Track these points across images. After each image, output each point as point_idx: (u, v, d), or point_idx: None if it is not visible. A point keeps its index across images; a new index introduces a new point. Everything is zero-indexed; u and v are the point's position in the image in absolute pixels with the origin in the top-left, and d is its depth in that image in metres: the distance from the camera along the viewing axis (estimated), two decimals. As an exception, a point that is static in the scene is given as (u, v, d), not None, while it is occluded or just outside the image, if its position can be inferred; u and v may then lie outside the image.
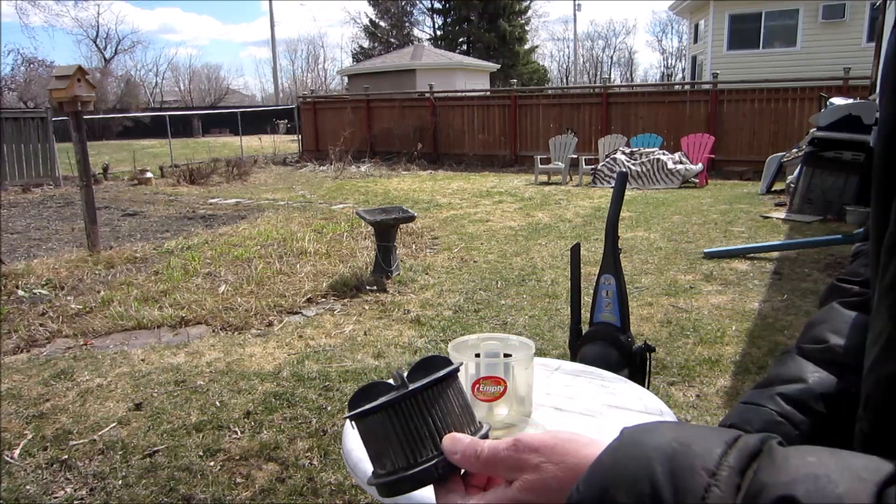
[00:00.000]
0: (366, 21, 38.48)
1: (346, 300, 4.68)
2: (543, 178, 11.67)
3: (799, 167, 7.93)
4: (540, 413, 1.25)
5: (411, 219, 5.19)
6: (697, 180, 10.60)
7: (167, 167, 13.87)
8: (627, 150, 11.23)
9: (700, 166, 10.59)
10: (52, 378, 3.40)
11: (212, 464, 2.57)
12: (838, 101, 8.37)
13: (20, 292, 4.82)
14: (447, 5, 35.24)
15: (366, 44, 38.28)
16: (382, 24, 37.55)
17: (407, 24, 37.70)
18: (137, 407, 3.06)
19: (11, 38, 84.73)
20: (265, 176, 13.76)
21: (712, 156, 11.19)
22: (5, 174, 11.58)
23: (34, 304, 4.56)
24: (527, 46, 36.97)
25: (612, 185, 2.75)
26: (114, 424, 2.90)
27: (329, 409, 3.00)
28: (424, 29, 37.99)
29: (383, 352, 3.70)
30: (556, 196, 9.67)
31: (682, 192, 9.80)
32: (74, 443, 2.74)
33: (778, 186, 9.51)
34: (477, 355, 1.08)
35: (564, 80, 49.23)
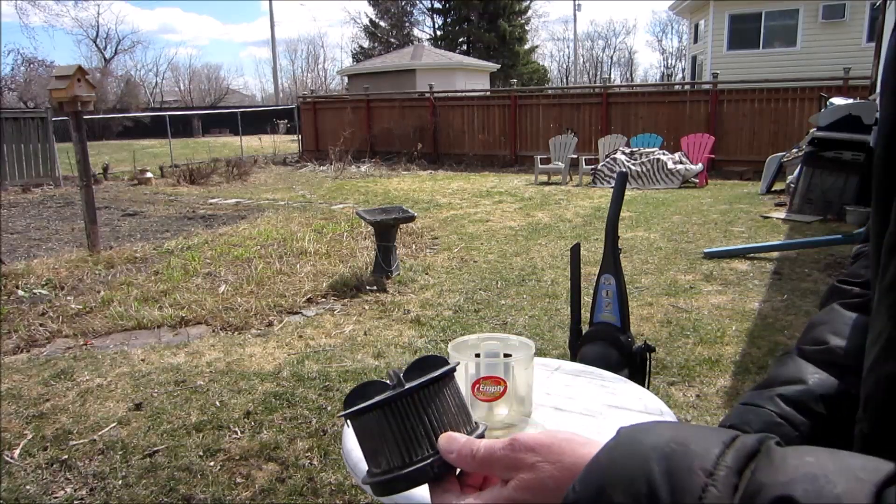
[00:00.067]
0: (366, 21, 38.53)
1: (346, 300, 4.68)
2: (543, 178, 11.68)
3: (799, 167, 7.93)
4: (540, 413, 1.25)
5: (411, 219, 5.19)
6: (697, 180, 10.60)
7: (167, 167, 13.87)
8: (627, 150, 11.23)
9: (700, 166, 10.59)
10: (52, 378, 3.41)
11: (212, 464, 2.57)
12: (838, 101, 8.37)
13: (20, 292, 4.82)
14: (447, 5, 35.25)
15: (366, 44, 38.30)
16: (382, 24, 37.56)
17: (407, 24, 37.71)
18: (137, 407, 3.06)
19: (11, 38, 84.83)
20: (265, 176, 13.76)
21: (712, 156, 11.19)
22: (5, 174, 11.58)
23: (34, 304, 4.56)
24: (527, 46, 36.98)
25: (612, 185, 2.75)
26: (114, 424, 2.90)
27: (329, 409, 3.00)
28: (424, 29, 38.04)
29: (383, 352, 3.70)
30: (556, 196, 9.67)
31: (682, 192, 9.80)
32: (74, 443, 2.74)
33: (778, 186, 9.51)
34: (477, 355, 1.08)
35: (564, 80, 49.24)
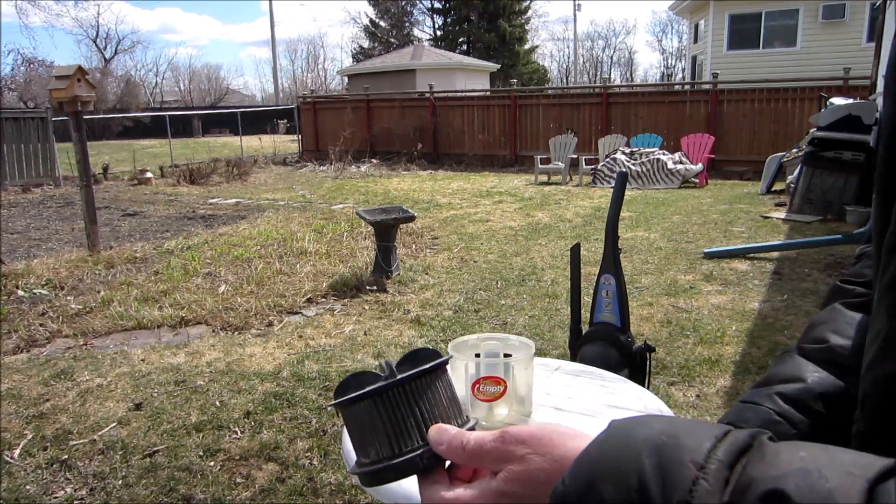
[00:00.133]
0: (366, 21, 38.53)
1: (346, 300, 4.68)
2: (543, 178, 11.67)
3: (799, 167, 7.93)
4: (540, 413, 1.25)
5: (411, 219, 5.19)
6: (697, 180, 10.60)
7: (167, 167, 13.87)
8: (627, 150, 11.23)
9: (700, 166, 10.59)
10: (52, 378, 3.40)
11: (212, 464, 2.57)
12: (838, 101, 8.37)
13: (20, 292, 4.82)
14: (447, 5, 35.25)
15: (366, 44, 38.30)
16: (382, 24, 37.56)
17: (407, 24, 37.71)
18: (137, 407, 3.06)
19: (11, 38, 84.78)
20: (265, 176, 13.76)
21: (712, 156, 11.18)
22: (5, 174, 11.58)
23: (34, 304, 4.56)
24: (527, 46, 36.98)
25: (612, 185, 2.75)
26: (114, 424, 2.90)
27: (329, 409, 3.00)
28: (424, 29, 38.04)
29: (383, 352, 3.70)
30: (556, 196, 9.67)
31: (682, 192, 9.80)
32: (74, 443, 2.74)
33: (778, 186, 9.51)
34: (477, 355, 1.08)
35: (564, 80, 49.24)
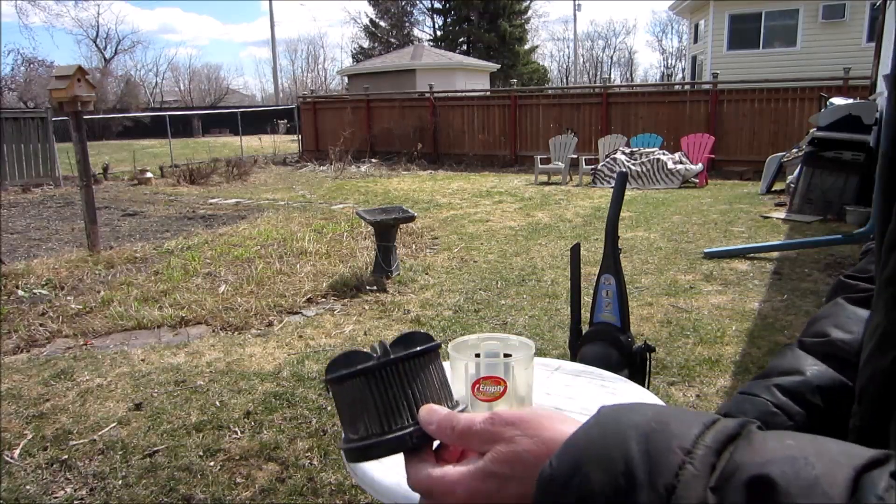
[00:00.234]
0: (366, 21, 38.54)
1: (346, 300, 4.68)
2: (543, 178, 11.67)
3: (799, 167, 7.93)
4: (540, 413, 1.24)
5: (411, 219, 5.19)
6: (697, 180, 10.60)
7: (167, 167, 13.87)
8: (627, 150, 11.23)
9: (700, 166, 10.59)
10: (52, 378, 3.40)
11: (212, 464, 2.57)
12: (838, 101, 8.37)
13: (20, 292, 4.82)
14: (447, 5, 35.26)
15: (366, 44, 38.31)
16: (382, 24, 37.56)
17: (407, 24, 37.72)
18: (137, 407, 3.06)
19: (11, 39, 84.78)
20: (265, 176, 13.76)
21: (712, 156, 11.18)
22: (5, 174, 11.58)
23: (34, 304, 4.56)
24: (527, 46, 36.99)
25: (612, 185, 2.75)
26: (114, 424, 2.90)
27: (329, 409, 3.00)
28: (424, 29, 38.04)
29: (383, 352, 3.70)
30: (556, 196, 9.67)
31: (682, 192, 9.80)
32: (74, 443, 2.74)
33: (778, 186, 9.51)
34: (477, 355, 1.08)
35: (564, 80, 49.24)
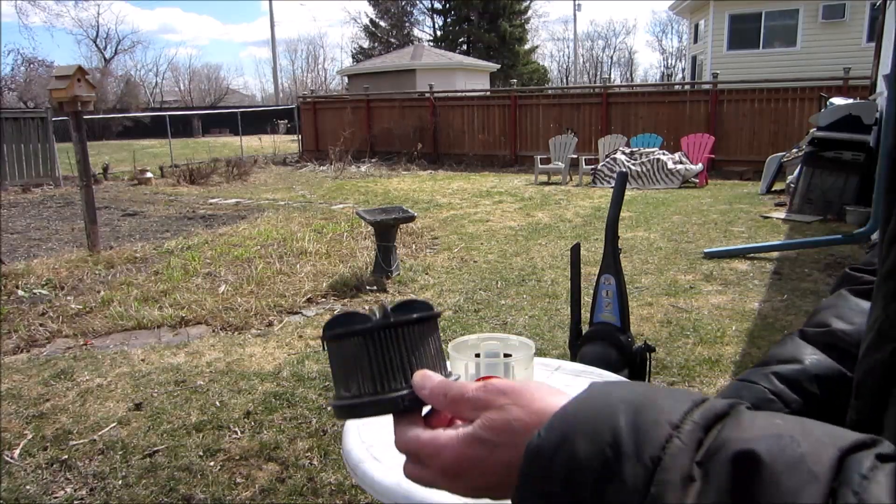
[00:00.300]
0: (366, 21, 38.54)
1: (346, 300, 4.68)
2: (543, 178, 11.67)
3: (799, 167, 7.93)
4: (540, 413, 1.24)
5: (411, 219, 5.19)
6: (697, 180, 10.60)
7: (167, 167, 13.87)
8: (627, 150, 11.23)
9: (700, 166, 10.59)
10: (52, 378, 3.40)
11: (212, 464, 2.57)
12: (838, 101, 8.37)
13: (20, 292, 4.82)
14: (447, 5, 35.25)
15: (366, 44, 38.31)
16: (382, 24, 37.56)
17: (407, 24, 37.71)
18: (137, 407, 3.06)
19: (11, 39, 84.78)
20: (265, 176, 13.76)
21: (712, 156, 11.18)
22: (5, 174, 11.58)
23: (34, 304, 4.56)
24: (527, 46, 36.99)
25: (612, 185, 2.75)
26: (114, 424, 2.90)
27: (329, 409, 3.00)
28: (424, 29, 38.04)
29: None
30: (556, 196, 9.67)
31: (682, 192, 9.80)
32: (74, 443, 2.74)
33: (778, 186, 9.51)
34: (477, 355, 1.08)
35: (564, 80, 49.24)
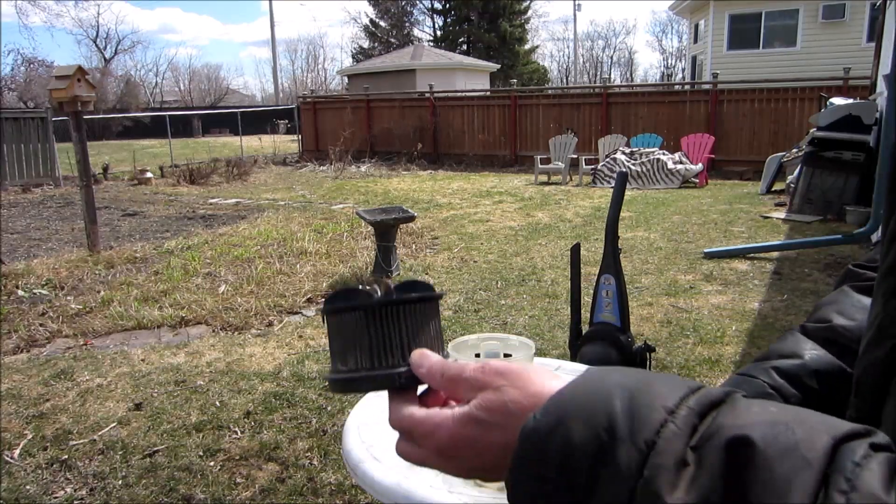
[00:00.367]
0: (366, 21, 38.54)
1: (346, 300, 4.67)
2: (543, 178, 11.67)
3: (799, 167, 7.93)
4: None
5: (411, 219, 5.19)
6: (697, 180, 10.60)
7: (167, 167, 13.87)
8: (627, 150, 11.23)
9: (700, 166, 10.59)
10: (52, 378, 3.40)
11: (212, 464, 2.57)
12: (838, 101, 8.37)
13: (20, 292, 4.82)
14: (447, 5, 35.26)
15: (366, 44, 38.31)
16: (382, 24, 37.56)
17: (407, 24, 37.71)
18: (137, 407, 3.06)
19: (11, 39, 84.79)
20: (265, 176, 13.76)
21: (712, 156, 11.18)
22: (5, 174, 11.58)
23: (34, 304, 4.56)
24: (527, 46, 36.99)
25: (612, 185, 2.75)
26: (114, 424, 2.90)
27: (329, 409, 3.00)
28: (424, 29, 38.04)
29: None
30: (556, 196, 9.67)
31: (682, 192, 9.80)
32: (74, 443, 2.74)
33: (778, 186, 9.51)
34: (477, 355, 1.08)
35: (564, 80, 49.24)
